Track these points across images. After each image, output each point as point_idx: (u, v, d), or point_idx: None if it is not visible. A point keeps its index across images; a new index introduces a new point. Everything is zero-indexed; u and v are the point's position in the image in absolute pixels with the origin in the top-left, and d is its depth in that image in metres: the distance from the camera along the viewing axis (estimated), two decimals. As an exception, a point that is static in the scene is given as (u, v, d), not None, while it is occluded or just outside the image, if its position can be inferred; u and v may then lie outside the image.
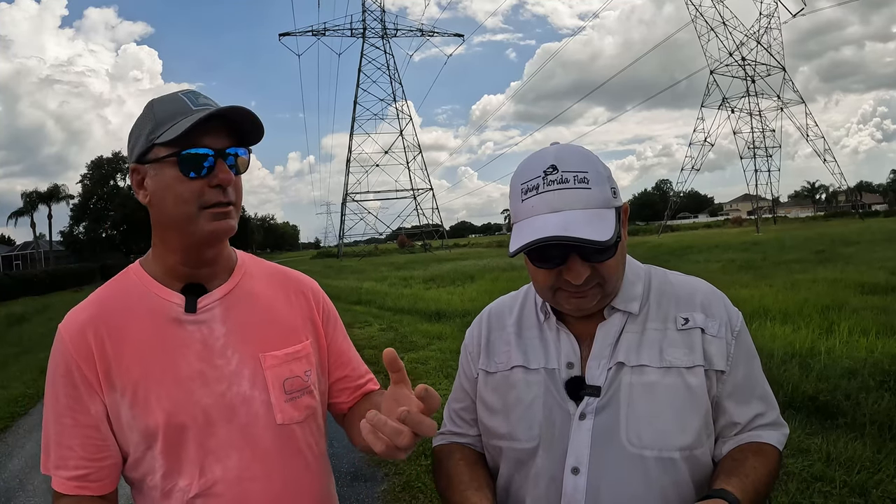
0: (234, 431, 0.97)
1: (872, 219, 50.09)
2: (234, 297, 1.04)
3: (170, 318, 0.99)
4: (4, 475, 4.39)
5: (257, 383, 1.00)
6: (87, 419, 0.95)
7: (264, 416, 1.00)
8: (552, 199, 0.89)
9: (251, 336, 1.02)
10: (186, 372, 0.97)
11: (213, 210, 0.95)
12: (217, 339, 1.00)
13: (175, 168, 0.93)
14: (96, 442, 0.95)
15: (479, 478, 1.03)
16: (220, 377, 0.98)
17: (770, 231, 40.41)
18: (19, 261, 60.15)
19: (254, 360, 1.01)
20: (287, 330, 1.07)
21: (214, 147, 0.94)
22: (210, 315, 1.01)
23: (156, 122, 0.95)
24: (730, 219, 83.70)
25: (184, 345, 0.98)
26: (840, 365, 4.61)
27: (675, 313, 0.99)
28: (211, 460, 0.96)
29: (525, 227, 0.90)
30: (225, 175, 0.95)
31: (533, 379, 1.01)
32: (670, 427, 0.93)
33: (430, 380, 5.95)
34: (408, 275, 20.95)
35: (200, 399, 0.96)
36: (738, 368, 0.97)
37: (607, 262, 0.92)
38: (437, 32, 71.95)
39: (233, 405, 0.98)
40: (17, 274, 39.25)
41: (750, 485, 0.88)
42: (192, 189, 0.94)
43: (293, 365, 1.05)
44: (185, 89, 0.99)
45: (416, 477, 3.67)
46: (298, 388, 1.04)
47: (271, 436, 1.00)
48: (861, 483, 3.01)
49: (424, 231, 71.59)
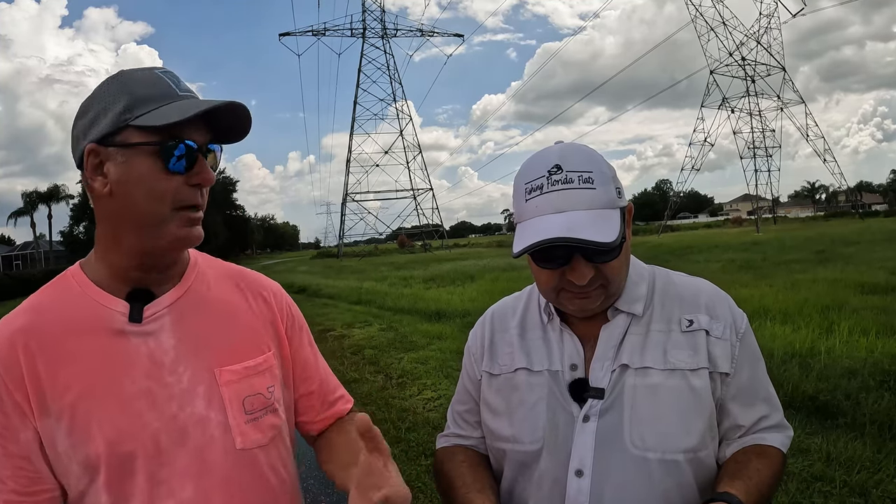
0: (187, 459, 0.86)
1: (872, 219, 50.06)
2: (185, 304, 0.92)
3: (112, 329, 0.86)
4: None
5: (213, 402, 0.89)
6: (17, 448, 0.82)
7: (221, 440, 0.88)
8: (556, 200, 0.88)
9: (205, 348, 0.91)
10: (131, 391, 0.84)
11: (187, 214, 0.85)
12: (166, 352, 0.88)
13: (153, 158, 0.82)
14: (28, 474, 0.83)
15: (482, 479, 1.03)
16: (170, 396, 0.86)
17: (770, 231, 40.39)
18: (19, 261, 60.16)
19: (208, 376, 0.89)
20: (246, 340, 0.95)
21: (198, 141, 0.84)
22: (158, 325, 0.89)
23: (132, 99, 0.82)
24: (730, 219, 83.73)
25: (128, 360, 0.86)
26: (840, 365, 4.61)
27: (680, 315, 0.99)
28: (163, 492, 0.84)
29: (529, 227, 0.90)
30: (206, 174, 0.86)
31: (536, 381, 1.01)
32: (674, 429, 0.92)
33: (430, 380, 5.95)
34: (408, 275, 20.93)
35: (149, 423, 0.84)
36: (742, 371, 0.97)
37: (611, 262, 0.91)
38: (437, 32, 71.98)
39: (185, 428, 0.86)
40: (17, 274, 39.23)
41: (754, 487, 0.87)
42: (169, 186, 0.83)
43: (254, 380, 0.93)
44: (161, 67, 0.87)
45: (416, 477, 3.66)
46: (261, 407, 0.93)
47: (230, 462, 0.89)
48: (861, 483, 3.01)
49: (424, 231, 71.55)
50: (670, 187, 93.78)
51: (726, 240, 29.20)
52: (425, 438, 4.17)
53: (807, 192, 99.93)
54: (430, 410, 4.98)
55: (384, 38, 69.83)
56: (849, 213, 63.43)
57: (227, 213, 71.96)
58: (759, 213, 52.07)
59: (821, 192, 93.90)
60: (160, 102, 0.82)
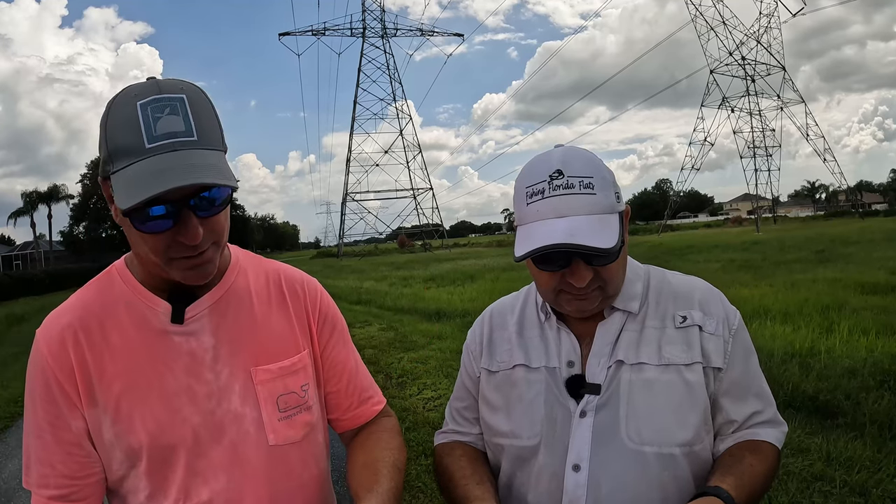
0: (223, 452, 0.91)
1: (872, 218, 50.12)
2: (224, 304, 0.95)
3: (155, 328, 0.90)
4: (4, 475, 4.40)
5: (248, 400, 0.93)
6: (69, 436, 0.88)
7: (255, 436, 0.93)
8: (558, 204, 0.90)
9: (242, 348, 0.94)
10: (173, 388, 0.89)
11: (183, 262, 0.84)
12: (206, 351, 0.92)
13: (128, 219, 0.80)
14: (79, 459, 0.89)
15: (481, 473, 1.04)
16: (209, 393, 0.91)
17: (770, 231, 40.44)
18: (19, 261, 60.18)
19: (245, 375, 0.93)
20: (282, 340, 0.98)
21: (174, 198, 0.78)
22: (199, 325, 0.92)
23: (111, 148, 0.79)
24: (730, 218, 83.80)
25: (170, 358, 0.90)
26: (840, 364, 4.61)
27: (674, 311, 1.00)
28: (198, 482, 0.89)
29: (530, 231, 0.91)
30: (187, 235, 0.80)
31: (534, 377, 1.02)
32: (670, 423, 0.93)
33: (430, 379, 5.96)
34: (408, 274, 20.97)
35: (188, 417, 0.89)
36: (734, 366, 0.98)
37: (610, 266, 0.93)
38: (437, 32, 72.07)
39: (222, 424, 0.91)
40: (17, 274, 39.24)
41: (745, 482, 0.88)
42: (154, 243, 0.82)
43: (288, 380, 0.96)
44: (148, 95, 0.78)
45: (415, 477, 3.67)
46: (294, 405, 0.97)
47: (262, 456, 0.93)
48: (861, 483, 3.01)
49: (424, 231, 71.62)
50: (670, 187, 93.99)
51: (726, 239, 29.24)
52: (425, 438, 4.20)
53: (807, 192, 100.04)
54: (429, 410, 4.99)
55: (384, 38, 69.93)
56: (849, 212, 63.49)
57: (227, 213, 71.81)
58: (759, 212, 52.14)
59: (821, 191, 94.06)
60: (131, 159, 0.77)
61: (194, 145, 0.78)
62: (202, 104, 0.82)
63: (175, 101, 0.79)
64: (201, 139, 0.79)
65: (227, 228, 0.88)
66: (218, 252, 0.87)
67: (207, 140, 0.80)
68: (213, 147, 0.81)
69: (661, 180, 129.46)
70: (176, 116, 0.78)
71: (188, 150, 0.77)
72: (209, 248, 0.85)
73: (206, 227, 0.82)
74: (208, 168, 0.77)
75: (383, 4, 70.44)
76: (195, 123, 0.79)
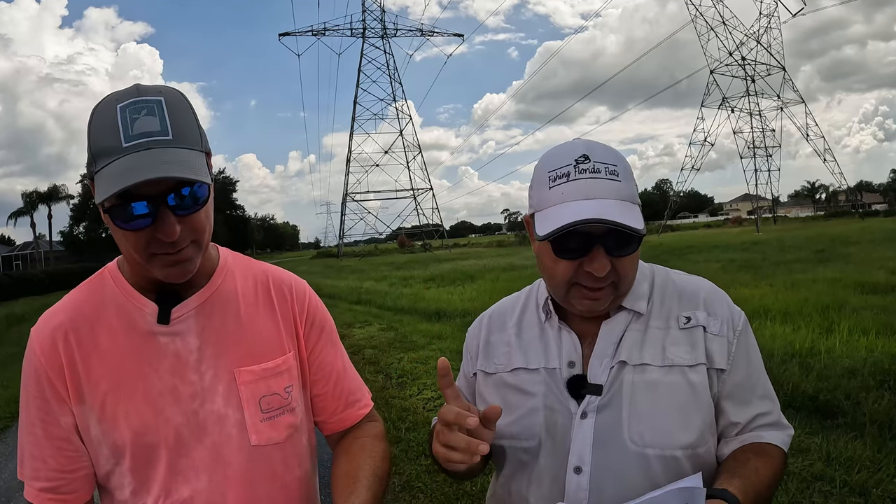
0: (205, 452, 0.92)
1: (872, 218, 50.06)
2: (210, 306, 0.96)
3: (142, 329, 0.93)
4: (5, 475, 4.40)
5: (231, 401, 0.94)
6: (58, 431, 0.91)
7: (237, 436, 0.94)
8: (584, 187, 0.89)
9: (227, 349, 0.96)
10: (158, 387, 0.91)
11: (163, 258, 0.85)
12: (191, 352, 0.93)
13: (109, 216, 0.83)
14: (68, 454, 0.92)
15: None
16: (193, 394, 0.93)
17: (770, 231, 40.41)
18: (19, 261, 60.16)
19: (228, 376, 0.95)
20: (267, 342, 0.99)
21: (153, 194, 0.80)
22: (185, 326, 0.94)
23: (94, 150, 0.82)
24: (730, 218, 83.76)
25: (156, 358, 0.92)
26: (840, 364, 4.61)
27: (678, 312, 0.99)
28: (179, 481, 0.91)
29: (556, 212, 0.89)
30: (165, 231, 0.82)
31: (533, 379, 1.01)
32: (673, 426, 0.92)
33: (430, 379, 5.96)
34: (408, 274, 20.95)
35: (171, 417, 0.91)
36: (738, 368, 0.97)
37: (626, 259, 0.91)
38: (437, 32, 72.07)
39: (205, 424, 0.93)
40: (17, 274, 39.23)
41: (751, 485, 0.87)
42: (135, 240, 0.84)
43: (271, 381, 0.98)
44: (128, 98, 0.82)
45: (415, 477, 3.66)
46: (277, 407, 0.98)
47: (244, 457, 0.94)
48: (861, 482, 3.01)
49: (424, 231, 71.60)
50: (670, 187, 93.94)
51: (726, 240, 29.21)
52: (425, 438, 4.18)
53: (807, 192, 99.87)
54: (429, 410, 4.99)
55: (384, 38, 69.93)
56: (849, 212, 63.43)
57: (226, 213, 72.07)
58: (759, 212, 52.11)
59: (821, 191, 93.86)
60: (110, 158, 0.80)
61: (168, 144, 0.80)
62: (180, 106, 0.84)
63: (152, 103, 0.81)
64: (176, 138, 0.81)
65: (208, 228, 0.89)
66: (199, 251, 0.89)
67: (183, 140, 0.82)
68: (188, 147, 0.82)
69: (661, 180, 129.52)
70: (153, 117, 0.81)
71: (162, 149, 0.80)
72: (188, 247, 0.86)
73: (184, 224, 0.84)
74: (180, 164, 0.79)
75: (383, 4, 70.55)
76: (171, 123, 0.81)
